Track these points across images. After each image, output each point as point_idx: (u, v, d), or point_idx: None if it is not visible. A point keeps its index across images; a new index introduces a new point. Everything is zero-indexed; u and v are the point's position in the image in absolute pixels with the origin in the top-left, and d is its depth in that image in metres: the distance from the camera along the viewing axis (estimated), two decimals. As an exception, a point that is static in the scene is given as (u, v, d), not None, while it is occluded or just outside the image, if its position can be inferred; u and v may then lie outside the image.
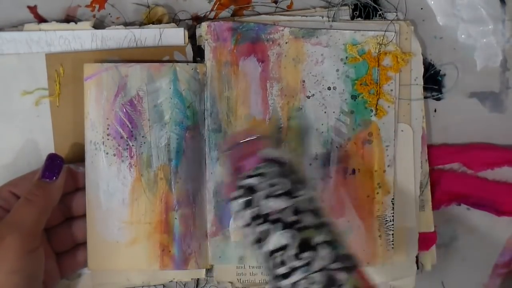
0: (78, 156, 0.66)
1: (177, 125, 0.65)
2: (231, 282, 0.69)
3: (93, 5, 0.68)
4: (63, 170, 0.62)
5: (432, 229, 0.69)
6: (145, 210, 0.65)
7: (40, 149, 0.67)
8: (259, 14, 0.69)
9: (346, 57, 0.67)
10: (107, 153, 0.65)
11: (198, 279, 0.69)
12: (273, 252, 0.51)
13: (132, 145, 0.65)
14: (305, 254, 0.50)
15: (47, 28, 0.67)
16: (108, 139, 0.65)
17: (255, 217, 0.52)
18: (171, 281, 0.68)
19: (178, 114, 0.65)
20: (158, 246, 0.66)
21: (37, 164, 0.66)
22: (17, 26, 0.67)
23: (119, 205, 0.65)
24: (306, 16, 0.68)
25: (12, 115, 0.67)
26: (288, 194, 0.52)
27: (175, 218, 0.65)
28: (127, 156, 0.65)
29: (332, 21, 0.68)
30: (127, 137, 0.65)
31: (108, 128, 0.65)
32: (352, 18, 0.68)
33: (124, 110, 0.65)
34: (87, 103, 0.65)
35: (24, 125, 0.67)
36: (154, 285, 0.69)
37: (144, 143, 0.65)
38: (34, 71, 0.66)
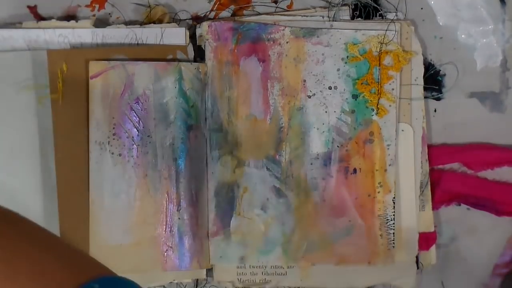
0: (79, 157, 0.65)
1: (182, 125, 0.65)
2: (231, 282, 0.68)
3: (93, 4, 0.68)
4: None
5: (432, 229, 0.69)
6: (149, 210, 0.65)
7: (38, 149, 0.66)
8: (259, 14, 0.69)
9: (347, 57, 0.67)
10: (112, 153, 0.64)
11: (197, 279, 0.69)
12: None
13: (138, 145, 0.64)
14: None
15: (46, 26, 0.66)
16: (114, 139, 0.64)
17: None
18: (171, 282, 0.68)
19: (182, 114, 0.65)
20: (162, 247, 0.65)
21: (33, 166, 0.65)
22: (15, 24, 0.67)
23: (123, 206, 0.65)
24: (307, 16, 0.68)
25: (9, 114, 0.66)
26: None
27: (179, 218, 0.65)
28: (132, 156, 0.64)
29: (333, 21, 0.68)
30: (133, 137, 0.64)
31: (114, 128, 0.64)
32: (352, 18, 0.68)
33: (131, 109, 0.64)
34: (92, 101, 0.64)
35: (21, 124, 0.66)
36: (154, 287, 0.68)
37: (150, 142, 0.64)
38: (32, 69, 0.65)
